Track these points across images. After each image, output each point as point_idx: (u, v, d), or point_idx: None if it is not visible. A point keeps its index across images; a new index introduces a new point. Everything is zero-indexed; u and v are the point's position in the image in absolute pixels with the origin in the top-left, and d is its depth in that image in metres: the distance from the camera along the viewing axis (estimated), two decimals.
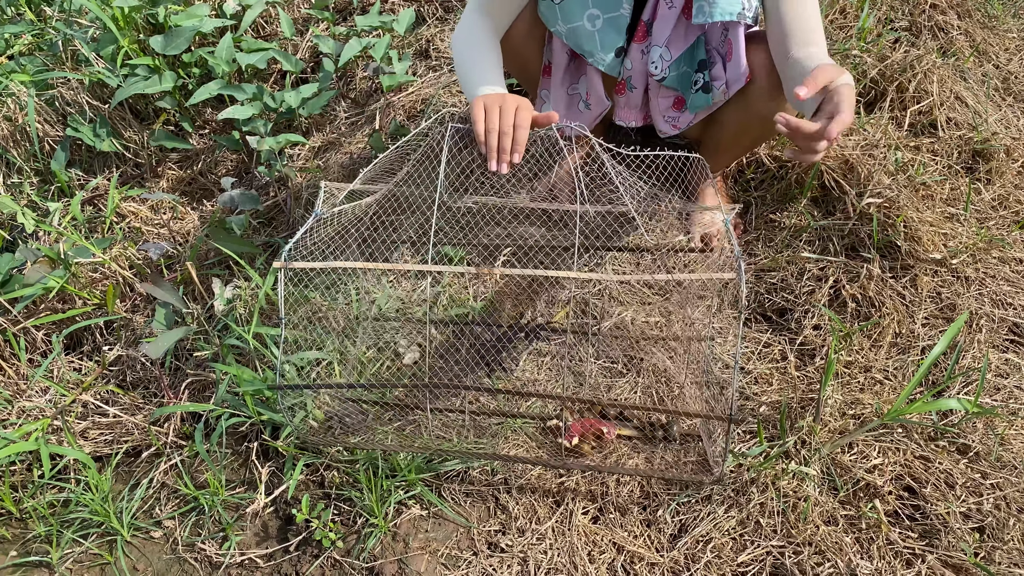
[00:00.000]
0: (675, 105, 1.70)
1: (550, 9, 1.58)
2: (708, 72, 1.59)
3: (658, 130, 1.78)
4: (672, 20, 1.53)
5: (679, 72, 1.62)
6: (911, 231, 1.70)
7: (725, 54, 1.55)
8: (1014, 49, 2.27)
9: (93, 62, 2.48)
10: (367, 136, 2.31)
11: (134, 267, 2.06)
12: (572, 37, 1.59)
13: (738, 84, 1.55)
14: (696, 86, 1.62)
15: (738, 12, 1.46)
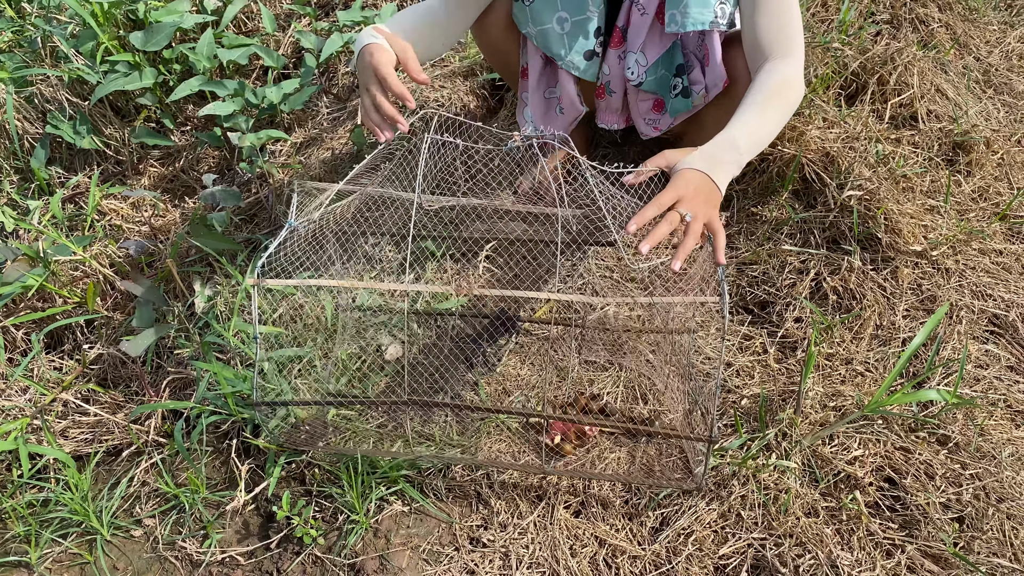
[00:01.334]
0: (655, 108, 1.70)
1: (521, 11, 1.58)
2: (687, 76, 1.59)
3: (640, 132, 1.78)
4: (645, 27, 1.53)
5: (657, 76, 1.62)
6: (891, 223, 1.70)
7: (703, 58, 1.55)
8: (994, 41, 2.28)
9: (73, 58, 2.46)
10: (349, 132, 2.30)
11: (115, 265, 2.05)
12: (542, 39, 1.58)
13: (717, 89, 1.55)
14: (675, 90, 1.62)
15: (710, 21, 1.45)
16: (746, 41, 1.45)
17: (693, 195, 1.19)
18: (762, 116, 1.32)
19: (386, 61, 1.30)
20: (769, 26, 1.40)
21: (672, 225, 1.15)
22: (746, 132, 1.30)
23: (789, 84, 1.36)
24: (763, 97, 1.34)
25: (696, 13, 1.45)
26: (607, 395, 1.61)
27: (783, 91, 1.35)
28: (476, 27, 1.64)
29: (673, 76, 1.62)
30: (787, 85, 1.35)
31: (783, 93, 1.35)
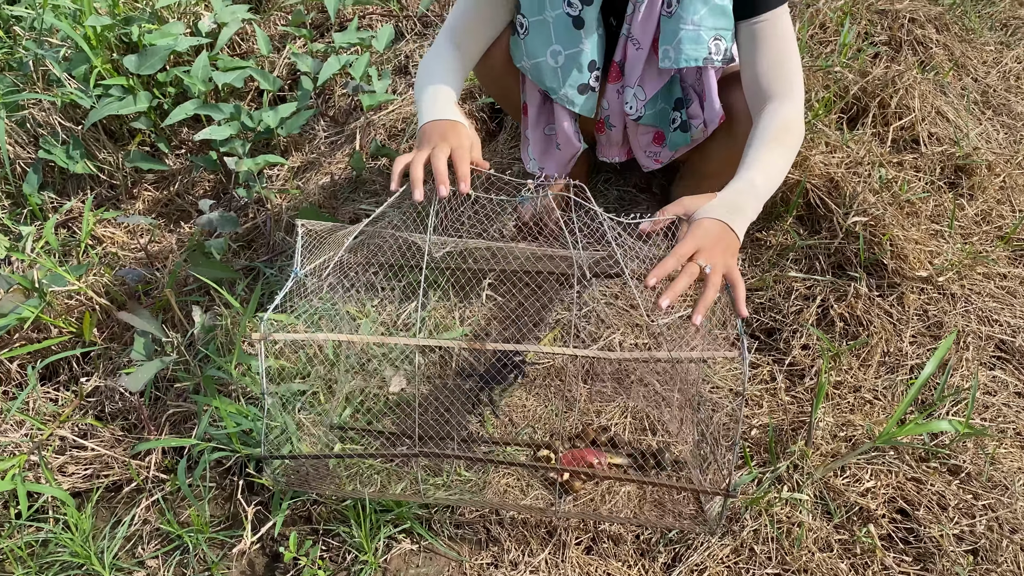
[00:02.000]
0: (655, 140, 1.69)
1: (516, 45, 1.57)
2: (685, 111, 1.59)
3: (641, 165, 1.77)
4: (641, 61, 1.52)
5: (656, 110, 1.61)
6: (897, 249, 1.70)
7: (701, 92, 1.54)
8: (991, 62, 2.29)
9: (65, 82, 2.43)
10: (347, 156, 2.29)
11: (111, 294, 2.02)
12: (536, 73, 1.57)
13: (715, 124, 1.55)
14: (674, 124, 1.61)
15: (704, 58, 1.44)
16: (746, 82, 1.44)
17: (712, 245, 1.17)
18: (773, 157, 1.32)
19: (466, 144, 1.28)
20: (768, 69, 1.39)
21: (692, 278, 1.13)
22: (761, 174, 1.29)
23: (791, 127, 1.35)
24: (770, 139, 1.33)
25: (689, 49, 1.44)
26: (615, 426, 1.59)
27: (787, 134, 1.34)
28: (478, 64, 1.62)
29: (672, 110, 1.62)
30: (789, 128, 1.34)
31: (787, 136, 1.34)
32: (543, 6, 1.50)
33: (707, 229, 1.21)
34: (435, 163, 1.22)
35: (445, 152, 1.24)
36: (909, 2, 2.35)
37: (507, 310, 1.82)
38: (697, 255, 1.17)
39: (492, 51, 1.60)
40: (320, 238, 1.39)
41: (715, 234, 1.21)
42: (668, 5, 1.45)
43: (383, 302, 1.87)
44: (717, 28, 1.43)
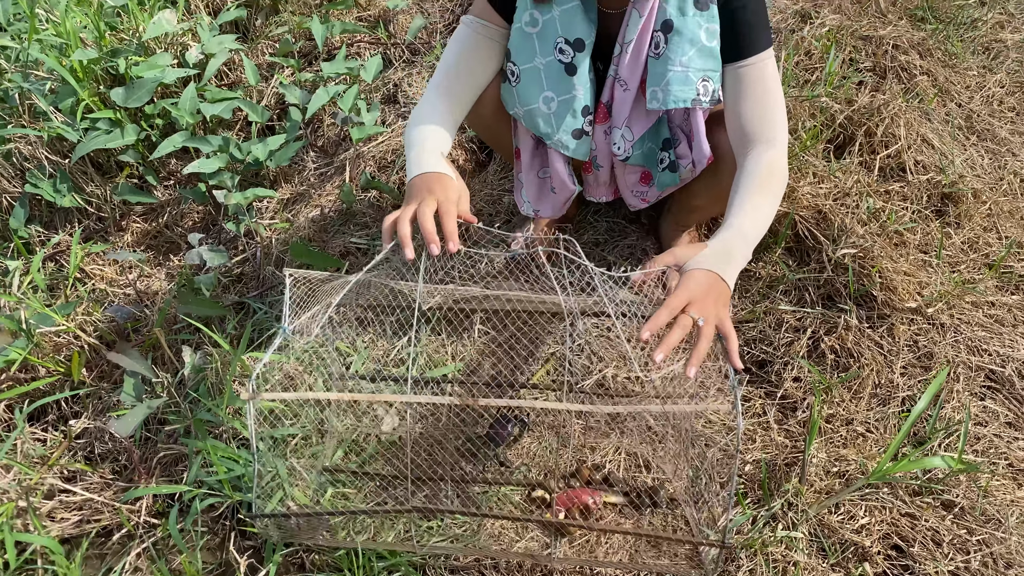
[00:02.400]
0: (643, 180, 1.70)
1: (508, 92, 1.57)
2: (673, 151, 1.59)
3: (628, 205, 1.77)
4: (629, 102, 1.52)
5: (644, 150, 1.62)
6: (886, 281, 1.71)
7: (689, 132, 1.55)
8: (975, 87, 2.31)
9: (51, 116, 2.42)
10: (337, 188, 2.28)
11: (100, 332, 2.01)
12: (529, 119, 1.57)
13: (703, 165, 1.55)
14: (662, 164, 1.62)
15: (692, 99, 1.44)
16: (730, 125, 1.44)
17: (703, 296, 1.17)
18: (760, 204, 1.32)
19: (453, 199, 1.27)
20: (753, 113, 1.40)
21: (685, 331, 1.13)
22: (749, 222, 1.29)
23: (776, 173, 1.35)
24: (756, 186, 1.33)
25: (677, 91, 1.45)
26: (609, 463, 1.59)
27: (772, 180, 1.34)
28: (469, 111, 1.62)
29: (660, 150, 1.62)
30: (774, 174, 1.35)
31: (772, 182, 1.34)
32: (534, 53, 1.50)
33: (698, 280, 1.21)
34: (422, 221, 1.21)
35: (432, 208, 1.23)
36: (893, 28, 2.38)
37: (499, 344, 1.82)
38: (689, 307, 1.17)
39: (482, 99, 1.60)
40: (309, 288, 1.38)
41: (706, 285, 1.21)
42: (655, 47, 1.45)
43: (374, 337, 1.86)
44: (705, 69, 1.44)
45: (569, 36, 1.48)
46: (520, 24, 1.50)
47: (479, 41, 1.54)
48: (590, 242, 2.00)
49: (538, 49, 1.51)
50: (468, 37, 1.54)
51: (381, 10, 2.85)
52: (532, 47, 1.51)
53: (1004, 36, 2.51)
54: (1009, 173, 2.06)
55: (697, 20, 1.41)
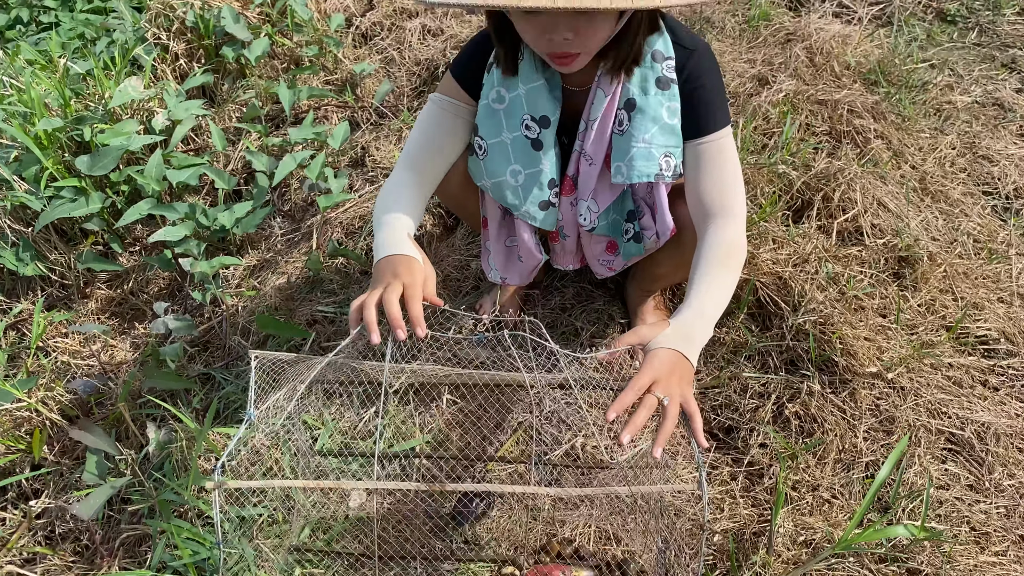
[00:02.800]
0: (608, 249, 1.73)
1: (476, 165, 1.59)
2: (638, 222, 1.62)
3: (595, 273, 1.80)
4: (594, 176, 1.55)
5: (609, 221, 1.65)
6: (846, 346, 1.74)
7: (653, 205, 1.58)
8: (928, 148, 2.38)
9: (15, 184, 2.41)
10: (304, 254, 2.29)
11: (62, 406, 1.98)
12: (497, 191, 1.60)
13: (666, 236, 1.58)
14: (627, 235, 1.65)
15: (655, 174, 1.47)
16: (690, 199, 1.48)
17: (668, 376, 1.20)
18: (720, 282, 1.35)
19: (419, 282, 1.28)
20: (712, 187, 1.44)
21: (651, 410, 1.15)
22: (710, 300, 1.32)
23: (734, 249, 1.39)
24: (716, 263, 1.37)
25: (641, 166, 1.48)
26: (579, 536, 1.59)
27: (731, 256, 1.38)
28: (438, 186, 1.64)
29: (625, 221, 1.65)
30: (732, 251, 1.39)
31: (731, 259, 1.38)
32: (501, 129, 1.53)
33: (663, 359, 1.23)
34: (387, 307, 1.22)
35: (397, 292, 1.24)
36: (847, 91, 2.45)
37: (467, 414, 1.82)
38: (654, 386, 1.19)
39: (450, 172, 1.62)
40: (275, 370, 1.38)
41: (670, 364, 1.23)
42: (620, 124, 1.49)
43: (341, 409, 1.86)
44: (667, 146, 1.47)
45: (535, 113, 1.51)
46: (487, 101, 1.53)
47: (447, 118, 1.56)
48: (557, 307, 2.02)
49: (505, 125, 1.53)
50: (436, 114, 1.57)
51: (348, 74, 2.89)
52: (499, 123, 1.54)
53: (953, 98, 2.59)
54: (962, 234, 2.12)
55: (659, 99, 1.45)
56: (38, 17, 4.08)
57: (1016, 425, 1.72)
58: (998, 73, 2.78)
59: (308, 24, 2.96)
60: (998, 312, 1.94)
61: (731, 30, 2.93)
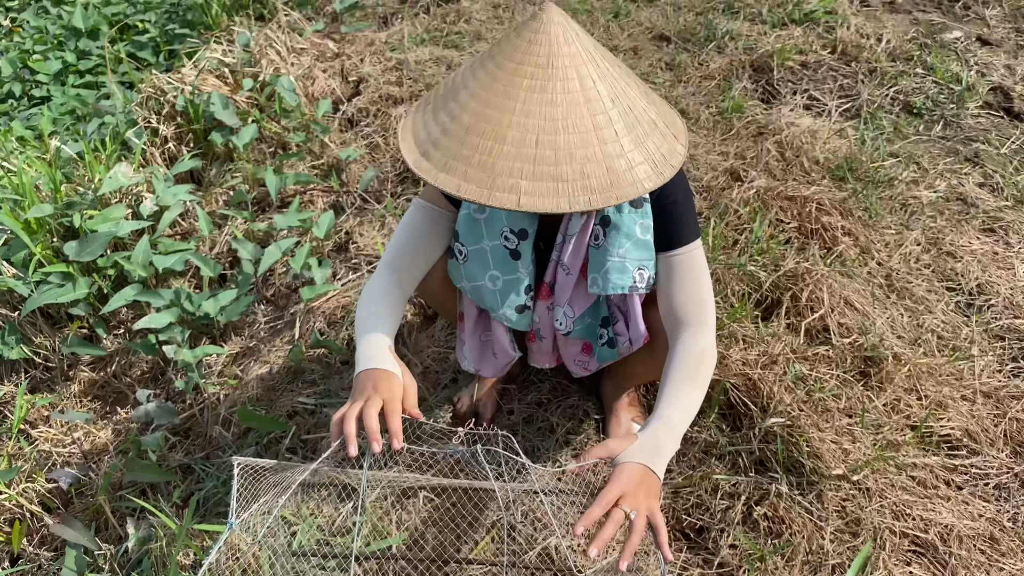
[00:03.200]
0: (584, 350, 1.78)
1: (456, 268, 1.66)
2: (612, 328, 1.68)
3: (571, 372, 1.85)
4: (571, 284, 1.62)
5: (584, 325, 1.71)
6: (813, 449, 1.79)
7: (627, 313, 1.64)
8: (894, 244, 2.46)
9: (3, 269, 2.45)
10: (286, 343, 2.33)
11: (42, 497, 1.99)
12: (475, 294, 1.66)
13: (639, 343, 1.64)
14: (602, 340, 1.71)
15: (629, 286, 1.54)
16: (662, 308, 1.54)
17: (635, 490, 1.24)
18: (689, 393, 1.40)
19: (398, 396, 1.33)
20: (683, 297, 1.50)
21: (618, 525, 1.20)
22: (679, 412, 1.37)
23: (705, 357, 1.45)
24: (686, 373, 1.42)
25: (616, 279, 1.55)
26: None
27: (701, 366, 1.44)
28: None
29: (599, 326, 1.71)
30: (703, 359, 1.44)
31: (701, 368, 1.44)
32: (481, 237, 1.60)
33: (630, 473, 1.28)
34: (366, 420, 1.27)
35: (376, 406, 1.29)
36: (816, 188, 2.55)
37: (443, 511, 1.85)
38: (622, 500, 1.23)
39: (431, 272, 1.69)
40: (256, 476, 1.41)
41: (637, 478, 1.27)
42: (596, 237, 1.56)
43: (319, 503, 1.88)
44: (641, 260, 1.54)
45: (514, 227, 1.58)
46: (468, 210, 1.60)
47: (429, 225, 1.63)
48: (533, 403, 2.06)
49: (485, 233, 1.60)
50: (419, 219, 1.63)
51: (333, 159, 2.96)
52: (480, 231, 1.60)
53: (919, 193, 2.69)
54: (927, 331, 2.19)
55: (632, 217, 1.52)
56: (31, 91, 4.16)
57: (978, 527, 1.77)
58: (962, 167, 2.89)
59: (296, 110, 3.04)
60: (961, 411, 2.00)
61: (705, 121, 3.05)
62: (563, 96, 1.20)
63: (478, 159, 1.19)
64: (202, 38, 4.20)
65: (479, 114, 1.21)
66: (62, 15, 4.80)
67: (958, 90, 3.25)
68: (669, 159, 1.28)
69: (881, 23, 3.66)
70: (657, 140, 1.28)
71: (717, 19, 3.78)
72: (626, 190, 1.22)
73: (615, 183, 1.21)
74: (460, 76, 1.30)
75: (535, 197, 1.18)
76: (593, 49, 1.26)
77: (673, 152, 1.30)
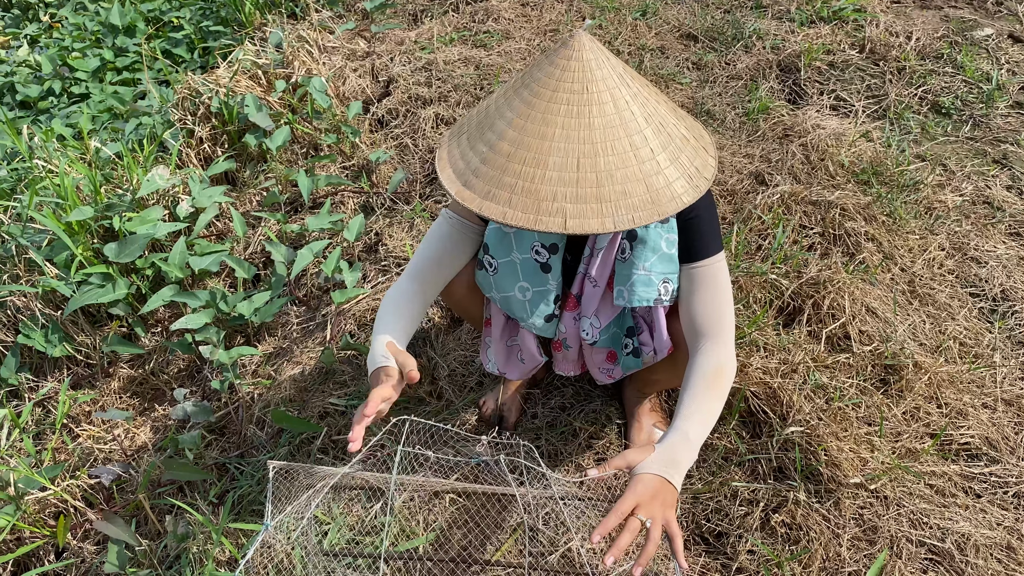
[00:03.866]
0: (609, 358, 1.83)
1: (485, 279, 1.71)
2: (637, 338, 1.72)
3: (595, 379, 1.90)
4: (598, 297, 1.66)
5: (610, 335, 1.75)
6: (831, 457, 1.82)
7: (651, 323, 1.68)
8: (918, 250, 2.47)
9: (47, 269, 2.54)
10: (318, 344, 2.40)
11: (85, 492, 2.08)
12: (505, 304, 1.71)
13: (663, 353, 1.68)
14: (627, 350, 1.75)
15: (654, 298, 1.59)
16: (683, 318, 1.58)
17: (651, 500, 1.29)
18: (707, 405, 1.44)
19: (376, 396, 1.38)
20: (704, 309, 1.54)
21: (633, 534, 1.24)
22: (696, 423, 1.41)
23: (724, 369, 1.48)
24: (705, 385, 1.46)
25: (641, 291, 1.59)
26: None
27: (720, 377, 1.47)
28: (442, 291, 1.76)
29: (624, 336, 1.75)
30: (722, 371, 1.47)
31: (720, 379, 1.47)
32: (511, 249, 1.65)
33: (646, 484, 1.32)
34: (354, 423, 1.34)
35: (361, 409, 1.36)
36: (840, 192, 2.56)
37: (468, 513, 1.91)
38: (637, 510, 1.28)
39: (456, 281, 1.74)
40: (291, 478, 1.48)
41: (653, 488, 1.32)
42: (623, 252, 1.60)
43: (349, 503, 1.95)
44: (666, 273, 1.58)
45: (545, 242, 1.63)
46: (498, 225, 1.65)
47: (456, 237, 1.68)
48: (557, 407, 2.11)
49: (515, 247, 1.65)
50: (446, 231, 1.68)
51: (364, 160, 3.02)
52: (510, 244, 1.65)
53: (944, 196, 2.69)
54: (949, 338, 2.20)
55: (659, 231, 1.56)
56: (70, 88, 4.26)
57: (995, 536, 1.80)
58: (989, 169, 2.88)
59: (327, 111, 3.10)
60: (982, 419, 2.02)
61: (731, 122, 3.06)
62: (600, 120, 1.25)
63: (521, 185, 1.24)
64: (236, 35, 4.28)
65: (519, 142, 1.26)
66: (100, 11, 4.90)
67: (988, 89, 3.23)
68: (703, 172, 1.33)
69: (911, 20, 3.63)
70: (690, 154, 1.33)
71: (745, 17, 3.77)
72: (666, 206, 1.27)
73: (655, 200, 1.26)
74: (494, 106, 1.35)
75: (581, 219, 1.22)
76: (623, 71, 1.30)
77: (705, 165, 1.35)
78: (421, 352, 2.30)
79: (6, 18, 5.26)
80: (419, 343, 2.33)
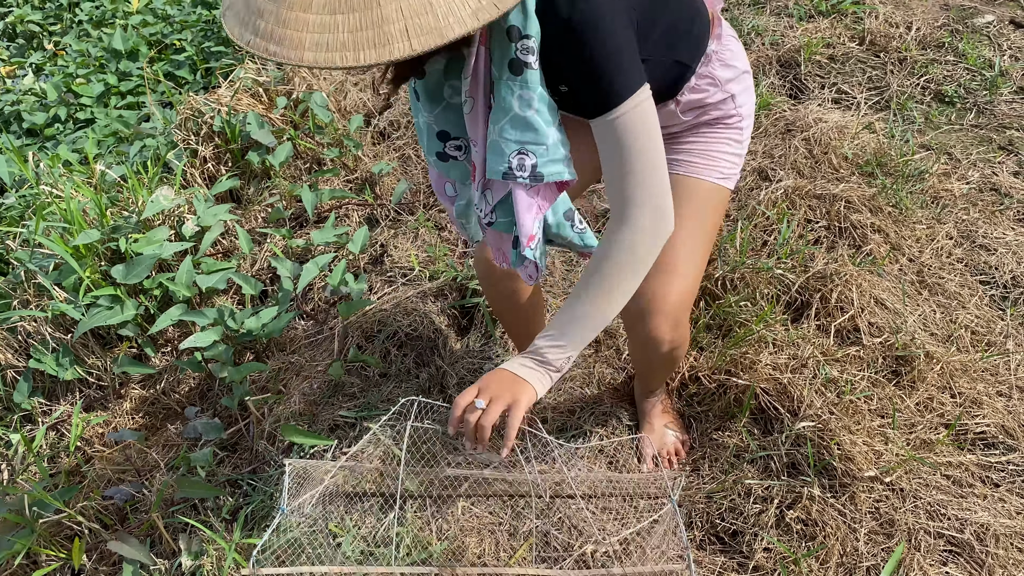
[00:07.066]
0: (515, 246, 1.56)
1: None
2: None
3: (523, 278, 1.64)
4: (480, 161, 1.40)
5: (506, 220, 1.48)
6: (844, 451, 1.80)
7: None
8: (925, 239, 2.45)
9: (55, 293, 2.55)
10: (326, 356, 2.40)
11: (99, 514, 2.09)
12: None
13: (541, 259, 1.49)
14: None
15: (503, 171, 1.30)
16: (605, 186, 1.32)
17: (489, 384, 1.28)
18: (590, 310, 1.29)
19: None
20: (613, 175, 1.27)
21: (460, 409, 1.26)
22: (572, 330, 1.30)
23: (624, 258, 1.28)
24: (594, 284, 1.30)
25: (492, 160, 1.31)
26: None
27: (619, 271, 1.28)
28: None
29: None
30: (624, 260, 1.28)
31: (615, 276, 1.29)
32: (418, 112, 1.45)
33: (491, 375, 1.31)
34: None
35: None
36: (845, 185, 2.54)
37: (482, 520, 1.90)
38: (479, 396, 1.27)
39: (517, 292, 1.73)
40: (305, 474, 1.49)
41: (497, 377, 1.30)
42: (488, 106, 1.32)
43: (362, 515, 1.94)
44: (522, 142, 1.27)
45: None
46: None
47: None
48: (566, 411, 2.10)
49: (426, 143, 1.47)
50: None
51: (367, 172, 3.03)
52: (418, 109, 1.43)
53: (951, 185, 2.67)
54: (960, 328, 2.18)
55: (509, 86, 1.23)
56: (75, 114, 4.30)
57: (1015, 525, 1.77)
58: (995, 156, 2.86)
59: (329, 126, 3.11)
60: (997, 407, 2.00)
61: None
62: None
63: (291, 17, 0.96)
64: (237, 55, 4.30)
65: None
66: (103, 37, 4.94)
67: (990, 76, 3.21)
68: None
69: (910, 10, 3.62)
70: None
71: (743, 14, 3.77)
72: (449, 29, 0.95)
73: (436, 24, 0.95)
74: None
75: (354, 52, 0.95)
76: None
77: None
78: (429, 361, 2.30)
79: (11, 47, 5.32)
80: (427, 351, 2.33)
